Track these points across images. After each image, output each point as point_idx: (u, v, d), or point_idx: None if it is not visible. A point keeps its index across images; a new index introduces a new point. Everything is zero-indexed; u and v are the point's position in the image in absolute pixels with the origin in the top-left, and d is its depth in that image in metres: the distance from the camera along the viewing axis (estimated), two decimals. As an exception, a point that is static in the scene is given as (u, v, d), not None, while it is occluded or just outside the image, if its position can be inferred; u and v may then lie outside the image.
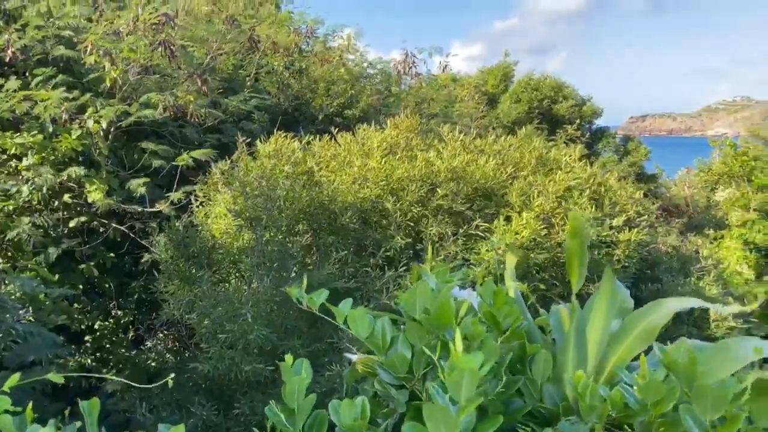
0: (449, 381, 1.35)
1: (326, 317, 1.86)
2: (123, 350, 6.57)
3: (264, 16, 11.25)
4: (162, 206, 6.20)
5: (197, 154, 6.10)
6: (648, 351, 1.86)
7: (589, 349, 1.83)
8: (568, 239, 2.01)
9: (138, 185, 5.85)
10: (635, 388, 1.47)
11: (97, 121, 5.94)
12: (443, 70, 13.27)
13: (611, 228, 5.43)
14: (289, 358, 1.72)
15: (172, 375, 1.94)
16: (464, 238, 4.97)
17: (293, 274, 4.71)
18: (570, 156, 6.59)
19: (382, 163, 5.14)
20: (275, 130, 6.62)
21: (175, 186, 6.33)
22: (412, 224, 4.88)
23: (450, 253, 4.77)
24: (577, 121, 17.25)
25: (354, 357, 1.85)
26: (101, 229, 6.78)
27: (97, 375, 5.44)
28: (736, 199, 16.91)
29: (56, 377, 1.46)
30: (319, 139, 6.21)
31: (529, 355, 1.82)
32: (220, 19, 7.61)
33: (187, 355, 6.22)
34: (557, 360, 1.84)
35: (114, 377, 3.47)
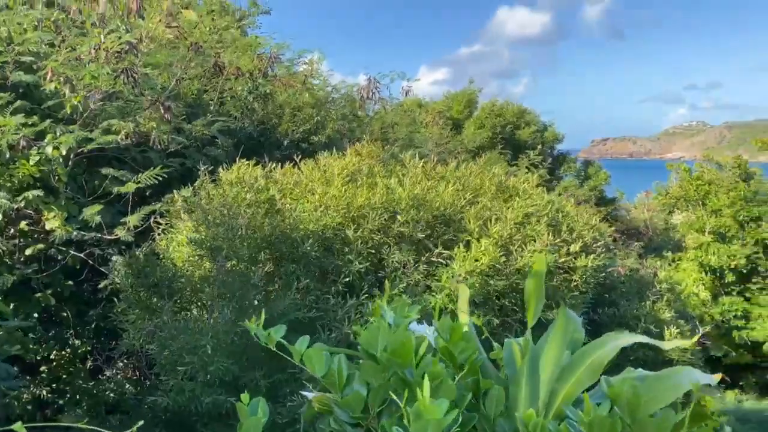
0: (414, 428, 1.40)
1: (284, 355, 1.89)
2: (80, 381, 6.41)
3: (229, 41, 11.28)
4: (121, 232, 6.11)
5: (145, 177, 6.03)
6: (596, 384, 1.94)
7: (540, 384, 1.90)
8: (529, 279, 2.10)
9: (92, 213, 5.76)
10: (580, 424, 1.54)
11: (56, 148, 5.86)
12: (406, 95, 13.47)
13: (568, 254, 5.57)
14: (245, 397, 1.74)
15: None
16: (426, 265, 5.04)
17: (255, 303, 4.70)
18: (528, 183, 6.76)
19: (343, 190, 5.19)
20: (239, 156, 6.62)
21: (130, 211, 6.25)
22: (373, 251, 4.93)
23: (411, 280, 4.82)
24: (539, 146, 17.66)
25: (311, 395, 1.88)
26: (59, 257, 6.64)
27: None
28: (691, 223, 17.49)
29: (20, 428, 1.43)
30: (282, 166, 6.23)
31: (483, 390, 1.88)
32: (185, 45, 7.61)
33: (147, 384, 6.11)
34: (510, 394, 1.90)
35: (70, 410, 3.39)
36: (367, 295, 4.70)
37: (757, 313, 14.84)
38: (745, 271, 15.04)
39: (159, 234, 5.88)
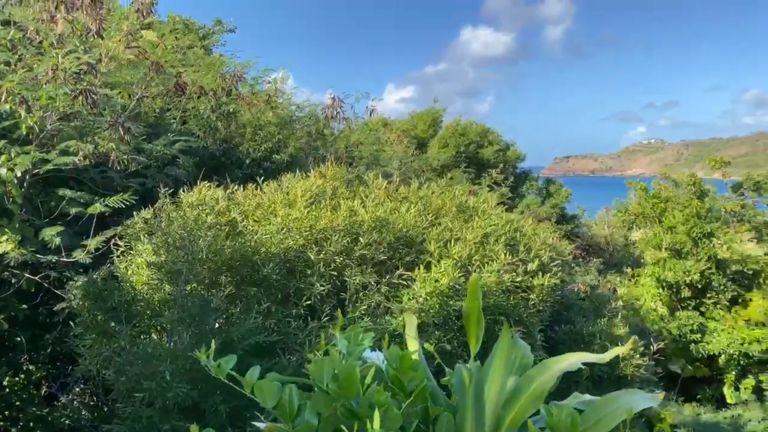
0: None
1: (234, 386, 1.91)
2: (34, 408, 6.22)
3: (192, 60, 11.24)
4: (80, 255, 6.00)
5: (112, 201, 5.97)
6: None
7: (486, 410, 1.95)
8: (466, 303, 2.15)
9: (51, 235, 5.66)
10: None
11: (11, 169, 5.75)
12: (371, 115, 13.60)
13: (526, 273, 5.69)
14: (194, 428, 1.75)
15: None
16: (387, 287, 5.09)
17: (215, 327, 4.68)
18: (488, 203, 6.90)
19: (306, 213, 5.22)
20: (201, 176, 6.58)
21: (91, 233, 6.16)
22: (335, 274, 4.96)
23: (373, 302, 4.86)
24: (501, 165, 17.97)
25: (262, 425, 1.89)
26: (13, 280, 6.48)
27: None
28: (649, 239, 17.96)
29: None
30: (244, 188, 6.23)
31: (433, 417, 1.93)
32: (145, 65, 7.57)
33: (105, 411, 5.98)
34: (458, 421, 1.95)
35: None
36: (328, 318, 4.72)
37: (712, 326, 15.28)
38: (700, 286, 15.49)
39: (118, 256, 5.80)
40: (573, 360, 2.11)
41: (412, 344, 2.29)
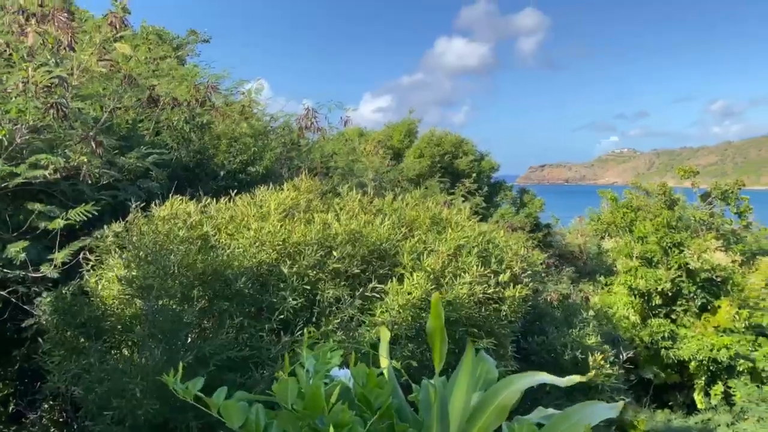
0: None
1: (200, 406, 1.92)
2: (1, 426, 6.11)
3: (165, 71, 11.18)
4: (47, 269, 5.92)
5: (74, 213, 5.90)
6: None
7: (451, 426, 2.00)
8: (430, 320, 2.20)
9: (16, 250, 5.57)
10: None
11: (-22, 183, 5.67)
12: (345, 125, 13.65)
13: (498, 284, 5.76)
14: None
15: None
16: (361, 300, 5.11)
17: (188, 342, 4.66)
18: (461, 214, 6.98)
19: (279, 226, 5.23)
20: (175, 188, 6.53)
21: (57, 246, 6.08)
22: (308, 287, 4.97)
23: (346, 316, 4.88)
24: (474, 175, 18.16)
25: (234, 442, 1.91)
26: (-21, 296, 6.36)
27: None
28: (620, 248, 18.25)
29: None
30: (218, 198, 6.22)
31: (398, 434, 1.96)
32: (118, 78, 7.52)
33: (74, 428, 5.89)
34: (424, 436, 1.99)
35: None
36: (301, 332, 4.73)
37: (682, 333, 15.56)
38: (670, 294, 15.78)
39: (88, 271, 5.74)
40: (536, 378, 2.17)
41: (384, 360, 2.33)
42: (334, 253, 5.15)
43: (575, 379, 2.12)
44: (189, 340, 4.71)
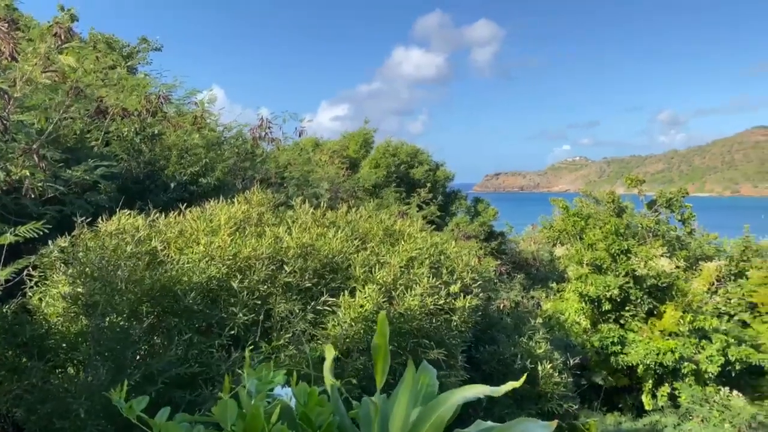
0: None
1: (142, 426, 1.92)
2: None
3: (114, 80, 10.97)
4: (-13, 287, 5.72)
5: (24, 230, 5.74)
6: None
7: (390, 442, 2.05)
8: (374, 338, 2.25)
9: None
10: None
11: None
12: (299, 135, 13.65)
13: (449, 295, 5.86)
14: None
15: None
16: (313, 314, 5.13)
17: (136, 360, 4.58)
18: (413, 226, 7.07)
19: (230, 240, 5.21)
20: (125, 201, 6.41)
21: (0, 264, 5.89)
22: (259, 302, 4.96)
23: (297, 330, 4.89)
24: (429, 184, 18.36)
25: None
26: None
27: None
28: (571, 255, 18.72)
29: None
30: (169, 211, 6.14)
31: (339, 450, 2.00)
32: (64, 90, 7.36)
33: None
34: (364, 453, 2.03)
35: None
36: (252, 347, 4.71)
37: (630, 338, 16.03)
38: (619, 300, 16.25)
39: (31, 287, 5.58)
40: (475, 391, 2.23)
41: (328, 379, 2.36)
42: (286, 267, 5.15)
43: (507, 387, 2.19)
44: (137, 357, 4.63)
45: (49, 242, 5.91)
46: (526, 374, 2.50)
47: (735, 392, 14.28)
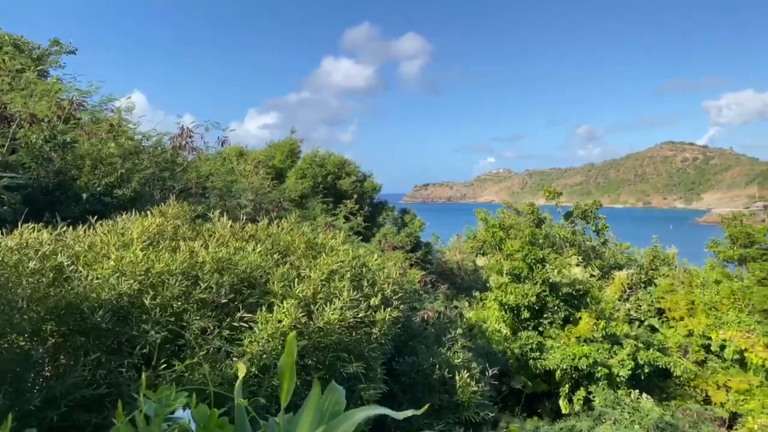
0: None
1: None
2: None
3: (22, 85, 10.43)
4: None
5: None
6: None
7: (294, 461, 2.06)
8: (282, 358, 2.26)
9: None
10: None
11: None
12: (222, 145, 13.40)
13: (369, 308, 5.90)
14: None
15: None
16: (229, 330, 5.04)
17: (41, 380, 4.35)
18: (336, 239, 7.08)
19: (142, 255, 5.05)
20: (31, 213, 6.08)
21: None
22: (173, 319, 4.82)
23: (212, 347, 4.79)
24: (356, 195, 18.44)
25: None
26: None
27: None
28: (492, 265, 19.27)
29: None
30: (80, 224, 5.88)
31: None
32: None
33: None
34: (268, 474, 2.03)
35: None
36: (165, 366, 4.58)
37: (548, 344, 16.64)
38: (537, 308, 16.86)
39: None
40: (372, 411, 2.28)
41: (237, 398, 2.34)
42: (201, 283, 5.04)
43: (408, 413, 2.24)
44: (40, 379, 4.40)
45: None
46: (428, 405, 2.57)
47: (644, 395, 15.07)
